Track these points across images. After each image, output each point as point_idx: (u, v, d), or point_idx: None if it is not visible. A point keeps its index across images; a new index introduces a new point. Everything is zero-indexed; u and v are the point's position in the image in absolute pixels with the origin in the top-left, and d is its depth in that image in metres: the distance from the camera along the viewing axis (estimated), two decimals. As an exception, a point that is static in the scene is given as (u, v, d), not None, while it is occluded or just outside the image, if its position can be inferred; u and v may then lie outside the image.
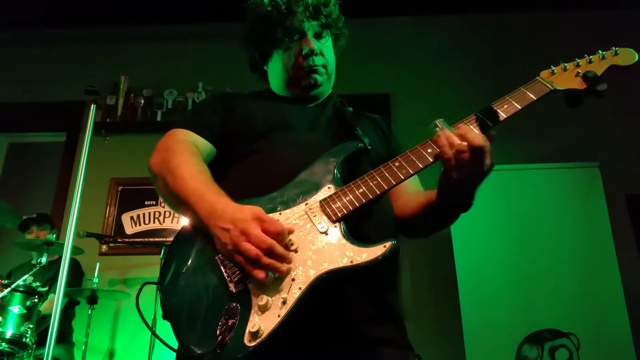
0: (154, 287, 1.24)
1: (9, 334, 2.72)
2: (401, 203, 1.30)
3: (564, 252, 3.22)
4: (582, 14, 4.27)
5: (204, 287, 1.02)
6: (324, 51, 1.37)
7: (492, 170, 1.03)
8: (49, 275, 3.39)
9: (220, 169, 1.23)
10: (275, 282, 0.96)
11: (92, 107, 2.35)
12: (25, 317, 2.81)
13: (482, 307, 3.16)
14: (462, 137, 1.00)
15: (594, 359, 3.01)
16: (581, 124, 3.85)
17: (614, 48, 1.16)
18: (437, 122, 1.06)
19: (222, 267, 1.02)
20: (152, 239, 3.85)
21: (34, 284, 2.92)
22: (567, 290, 3.14)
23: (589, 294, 3.14)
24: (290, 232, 1.01)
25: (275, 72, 1.41)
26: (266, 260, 0.94)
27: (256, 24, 1.39)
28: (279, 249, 0.95)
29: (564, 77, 1.16)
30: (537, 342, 3.07)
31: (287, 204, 1.09)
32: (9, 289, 2.73)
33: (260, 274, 0.94)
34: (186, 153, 1.18)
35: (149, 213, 3.95)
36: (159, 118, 4.21)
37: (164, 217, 3.93)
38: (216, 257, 1.04)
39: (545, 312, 3.12)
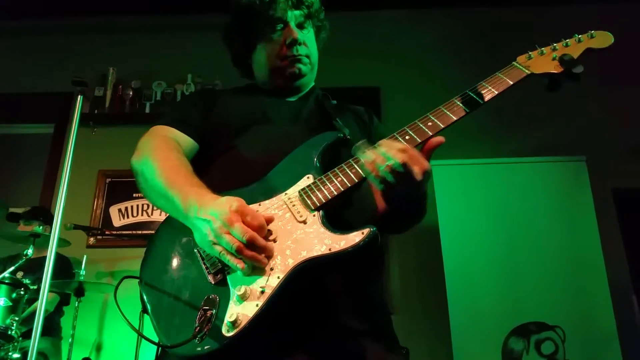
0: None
1: (-6, 326, 2.70)
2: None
3: (551, 246, 3.24)
4: (576, 6, 4.28)
5: (183, 279, 1.02)
6: (307, 42, 1.37)
7: (428, 178, 1.02)
8: (40, 274, 3.34)
9: (203, 165, 1.24)
10: (253, 272, 0.96)
11: (79, 98, 2.33)
12: (11, 310, 2.79)
13: (469, 300, 3.18)
14: (385, 157, 0.99)
15: (580, 352, 3.03)
16: (568, 118, 3.87)
17: (590, 31, 1.16)
18: (358, 144, 1.06)
19: (201, 259, 1.03)
20: (139, 232, 3.83)
21: (25, 281, 2.90)
22: (553, 283, 3.16)
23: (575, 288, 3.16)
24: (270, 220, 1.02)
25: (259, 63, 1.41)
26: (248, 252, 0.94)
27: (239, 14, 1.39)
28: (261, 241, 0.95)
29: (541, 62, 1.16)
30: (523, 335, 3.09)
31: (267, 195, 1.09)
32: (-6, 281, 2.71)
33: (240, 264, 0.94)
34: (166, 148, 1.19)
35: (137, 205, 3.93)
36: (147, 110, 4.18)
37: (152, 209, 3.91)
38: (195, 250, 1.04)
39: (531, 306, 3.13)
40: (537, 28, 4.10)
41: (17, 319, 2.78)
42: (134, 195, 3.94)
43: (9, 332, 2.72)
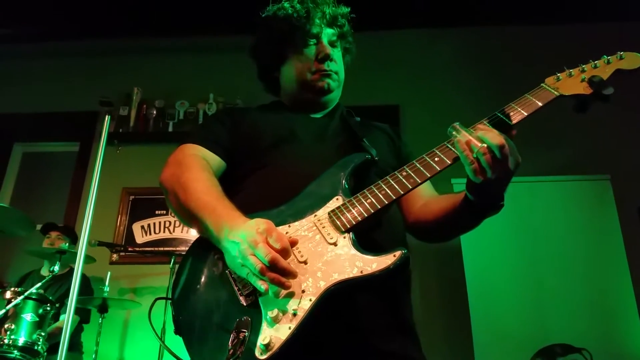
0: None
1: (21, 341, 2.74)
2: (418, 208, 1.32)
3: (576, 266, 3.19)
4: (594, 25, 4.26)
5: (215, 300, 1.03)
6: (337, 59, 1.40)
7: (518, 167, 1.03)
8: (60, 292, 3.41)
9: (231, 183, 1.25)
10: (285, 294, 0.96)
11: (106, 118, 2.37)
12: (38, 325, 2.83)
13: (493, 321, 3.13)
14: (481, 139, 1.00)
15: (607, 375, 2.97)
16: (592, 136, 3.83)
17: (619, 52, 1.15)
18: (454, 125, 1.06)
19: (232, 281, 1.03)
20: (162, 248, 3.88)
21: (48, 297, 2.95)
22: (579, 304, 3.11)
23: (601, 308, 3.11)
24: (294, 243, 1.02)
25: (288, 76, 1.42)
26: (270, 274, 0.94)
27: (274, 26, 1.41)
28: (282, 263, 0.95)
29: (570, 83, 1.15)
30: (549, 358, 3.02)
31: (296, 217, 1.09)
32: (22, 296, 2.75)
33: (263, 285, 0.94)
34: (197, 168, 1.19)
35: (160, 222, 3.98)
36: (170, 129, 4.26)
37: (174, 226, 3.96)
38: (227, 271, 1.05)
39: (556, 327, 3.08)
40: (557, 46, 4.09)
41: (43, 334, 2.82)
42: (157, 212, 4.00)
43: (36, 347, 2.77)
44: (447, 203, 1.23)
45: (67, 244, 3.45)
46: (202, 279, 1.07)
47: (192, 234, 3.77)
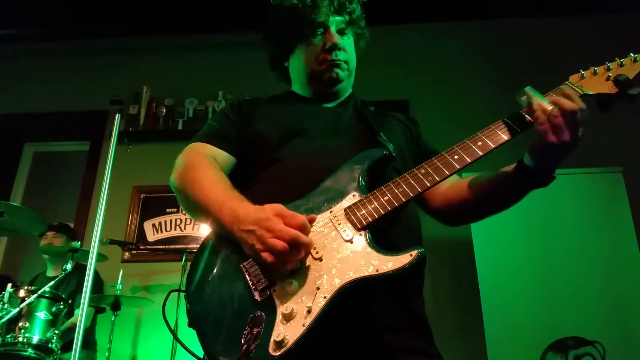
0: (176, 293, 1.27)
1: (35, 339, 2.77)
2: (447, 189, 1.30)
3: (588, 259, 3.17)
4: (609, 17, 4.20)
5: (229, 295, 1.03)
6: (346, 48, 1.37)
7: (582, 138, 1.03)
8: (70, 288, 3.44)
9: (243, 179, 1.24)
10: (300, 290, 0.96)
11: (117, 117, 2.37)
12: (51, 323, 2.86)
13: (505, 314, 3.12)
14: (555, 102, 1.02)
15: (621, 369, 2.95)
16: (604, 128, 3.77)
17: None
18: (525, 90, 1.06)
19: (247, 275, 1.03)
20: (173, 246, 3.89)
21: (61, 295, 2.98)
22: (591, 297, 3.09)
23: (613, 301, 3.09)
24: (312, 220, 1.03)
25: (297, 66, 1.41)
26: (294, 252, 0.95)
27: (281, 17, 1.39)
28: (304, 238, 0.96)
29: (594, 82, 1.12)
30: (561, 351, 3.02)
31: (312, 212, 1.09)
32: (35, 295, 2.77)
33: (290, 266, 0.96)
34: (204, 165, 1.20)
35: (170, 220, 3.99)
36: (180, 127, 4.27)
37: (185, 224, 3.98)
38: (241, 265, 1.05)
39: (569, 320, 3.06)
40: (571, 40, 4.06)
41: (57, 332, 2.85)
42: (167, 210, 4.01)
43: (50, 345, 2.79)
44: (489, 179, 1.22)
45: (78, 242, 3.47)
46: (217, 273, 1.07)
47: (203, 232, 3.78)
